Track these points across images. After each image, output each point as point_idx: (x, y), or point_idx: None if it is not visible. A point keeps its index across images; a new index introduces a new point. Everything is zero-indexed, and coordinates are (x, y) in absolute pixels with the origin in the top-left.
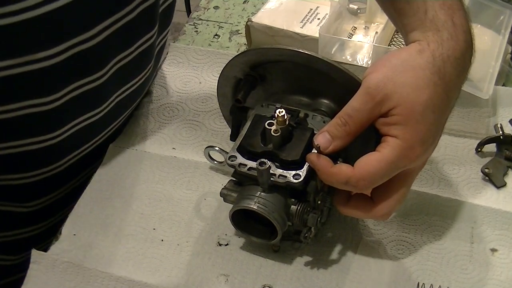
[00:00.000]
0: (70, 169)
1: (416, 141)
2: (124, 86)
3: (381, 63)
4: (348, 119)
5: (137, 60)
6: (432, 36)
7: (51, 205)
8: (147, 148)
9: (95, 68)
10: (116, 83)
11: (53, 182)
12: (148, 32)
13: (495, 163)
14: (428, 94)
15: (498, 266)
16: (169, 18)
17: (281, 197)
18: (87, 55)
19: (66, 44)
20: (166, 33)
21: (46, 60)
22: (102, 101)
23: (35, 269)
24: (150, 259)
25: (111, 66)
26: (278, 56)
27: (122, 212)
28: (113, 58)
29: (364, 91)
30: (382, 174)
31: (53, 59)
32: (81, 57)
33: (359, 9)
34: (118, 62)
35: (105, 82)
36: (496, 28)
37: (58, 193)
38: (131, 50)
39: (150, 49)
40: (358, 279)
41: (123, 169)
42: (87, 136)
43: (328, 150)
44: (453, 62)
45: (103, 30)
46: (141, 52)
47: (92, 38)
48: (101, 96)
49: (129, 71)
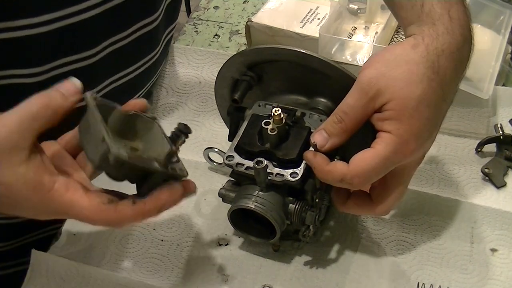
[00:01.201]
0: None
1: (410, 136)
2: (120, 72)
3: (375, 59)
4: (343, 116)
5: (133, 45)
6: (428, 30)
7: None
8: None
9: (86, 45)
10: (110, 67)
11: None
12: (145, 18)
13: (495, 163)
14: (422, 89)
15: (498, 266)
16: (176, 11)
17: (279, 196)
18: (77, 30)
19: (55, 14)
20: (173, 26)
21: (31, 28)
22: (94, 84)
23: (35, 269)
24: (150, 259)
25: (104, 47)
26: (274, 56)
27: None
28: (106, 39)
29: (358, 87)
30: (377, 170)
31: (39, 28)
32: (71, 31)
33: (359, 9)
34: (112, 44)
35: (97, 62)
36: (496, 28)
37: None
38: (126, 34)
39: (149, 37)
40: (358, 279)
41: None
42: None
43: (325, 148)
44: (448, 56)
45: (95, 5)
46: (138, 37)
47: (82, 12)
48: (93, 77)
49: (124, 56)
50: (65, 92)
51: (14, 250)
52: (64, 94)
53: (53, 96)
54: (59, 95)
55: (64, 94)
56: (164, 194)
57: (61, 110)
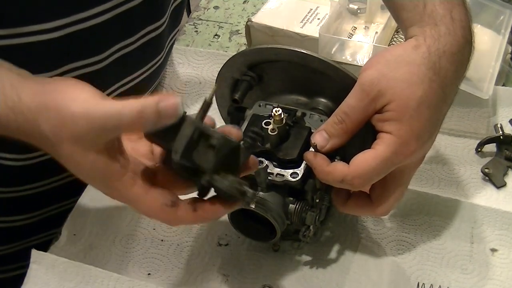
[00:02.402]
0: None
1: (410, 137)
2: (127, 77)
3: (376, 60)
4: (344, 117)
5: (140, 50)
6: (429, 31)
7: (43, 192)
8: None
9: (94, 50)
10: (117, 72)
11: (50, 168)
12: (152, 23)
13: (495, 163)
14: (423, 90)
15: (498, 266)
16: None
17: (279, 196)
18: (86, 35)
19: (66, 20)
20: (176, 31)
21: (41, 33)
22: (101, 89)
23: (35, 269)
24: (150, 259)
25: (112, 53)
26: (274, 56)
27: (122, 212)
28: (115, 44)
29: (359, 88)
30: (378, 171)
31: (49, 34)
32: (80, 36)
33: (359, 9)
34: (120, 50)
35: (105, 68)
36: (496, 28)
37: (50, 182)
38: (133, 40)
39: (155, 42)
40: (358, 279)
41: None
42: None
43: (325, 148)
44: (450, 57)
45: (105, 11)
46: (145, 43)
47: (92, 18)
48: (100, 83)
49: (131, 61)
50: (162, 110)
51: (15, 253)
52: (160, 113)
53: (148, 110)
54: (154, 112)
55: (160, 113)
56: (224, 205)
57: (144, 128)
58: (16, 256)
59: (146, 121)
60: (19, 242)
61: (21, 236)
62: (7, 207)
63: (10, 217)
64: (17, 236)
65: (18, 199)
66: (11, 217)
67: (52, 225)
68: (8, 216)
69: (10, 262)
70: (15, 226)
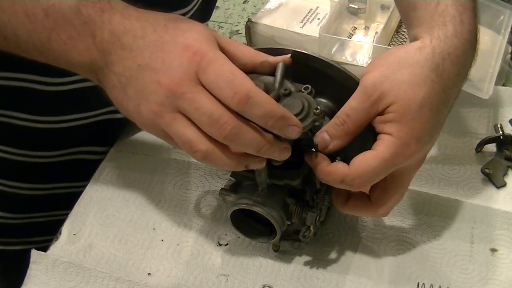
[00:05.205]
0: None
1: (411, 138)
2: None
3: (379, 62)
4: (346, 119)
5: None
6: (437, 31)
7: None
8: (147, 151)
9: None
10: None
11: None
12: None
13: (495, 163)
14: (425, 91)
15: (498, 266)
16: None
17: (280, 196)
18: None
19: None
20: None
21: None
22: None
23: (35, 269)
24: (150, 259)
25: None
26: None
27: (122, 212)
28: None
29: (361, 90)
30: (378, 172)
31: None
32: None
33: (359, 9)
34: None
35: None
36: (496, 28)
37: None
38: None
39: None
40: (358, 279)
41: (123, 171)
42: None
43: (327, 149)
44: (453, 59)
45: None
46: None
47: None
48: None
49: None
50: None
51: (22, 225)
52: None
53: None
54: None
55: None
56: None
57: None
58: (23, 229)
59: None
60: (29, 214)
61: (29, 209)
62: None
63: (10, 215)
64: (26, 207)
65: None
66: (12, 215)
67: (52, 225)
68: (7, 215)
69: (16, 235)
70: (16, 223)
